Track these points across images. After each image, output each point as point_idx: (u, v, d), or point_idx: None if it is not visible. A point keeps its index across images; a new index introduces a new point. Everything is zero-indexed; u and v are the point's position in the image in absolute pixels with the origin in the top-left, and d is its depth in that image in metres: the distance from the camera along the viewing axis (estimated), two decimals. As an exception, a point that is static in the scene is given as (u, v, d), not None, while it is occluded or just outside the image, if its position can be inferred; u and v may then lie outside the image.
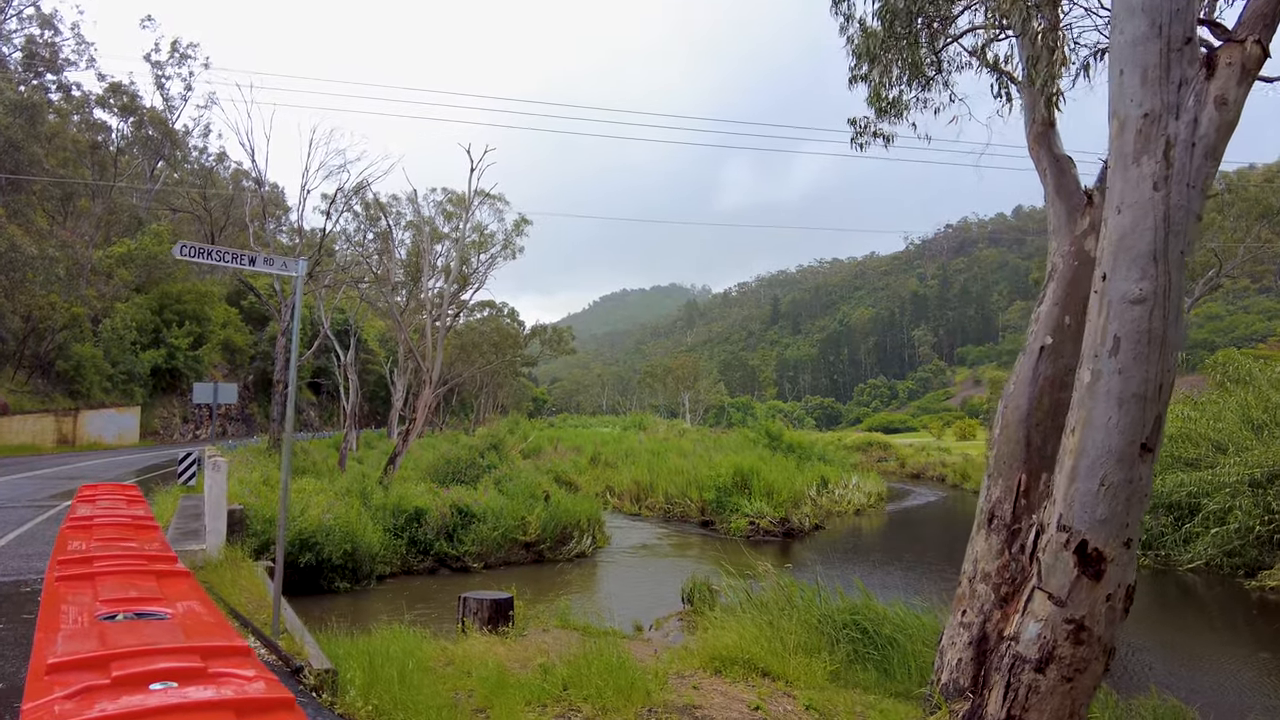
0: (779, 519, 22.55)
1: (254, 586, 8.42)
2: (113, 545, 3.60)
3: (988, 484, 5.03)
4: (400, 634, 7.68)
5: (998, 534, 4.73)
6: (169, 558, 3.39)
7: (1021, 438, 4.85)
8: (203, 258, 5.82)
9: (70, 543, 3.71)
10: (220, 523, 9.49)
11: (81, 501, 5.81)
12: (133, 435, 39.41)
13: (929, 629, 8.49)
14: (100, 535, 3.94)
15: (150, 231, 42.47)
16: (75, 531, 4.04)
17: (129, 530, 4.22)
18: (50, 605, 2.56)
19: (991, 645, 4.43)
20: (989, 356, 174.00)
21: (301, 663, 5.12)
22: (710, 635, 7.95)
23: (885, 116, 9.77)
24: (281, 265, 6.24)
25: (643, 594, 15.85)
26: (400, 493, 18.13)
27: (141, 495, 6.73)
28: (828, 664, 7.51)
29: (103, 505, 5.49)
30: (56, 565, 3.09)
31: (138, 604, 2.53)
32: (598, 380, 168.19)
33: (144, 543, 3.89)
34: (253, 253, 6.15)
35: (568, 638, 9.77)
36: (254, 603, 7.75)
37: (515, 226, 52.08)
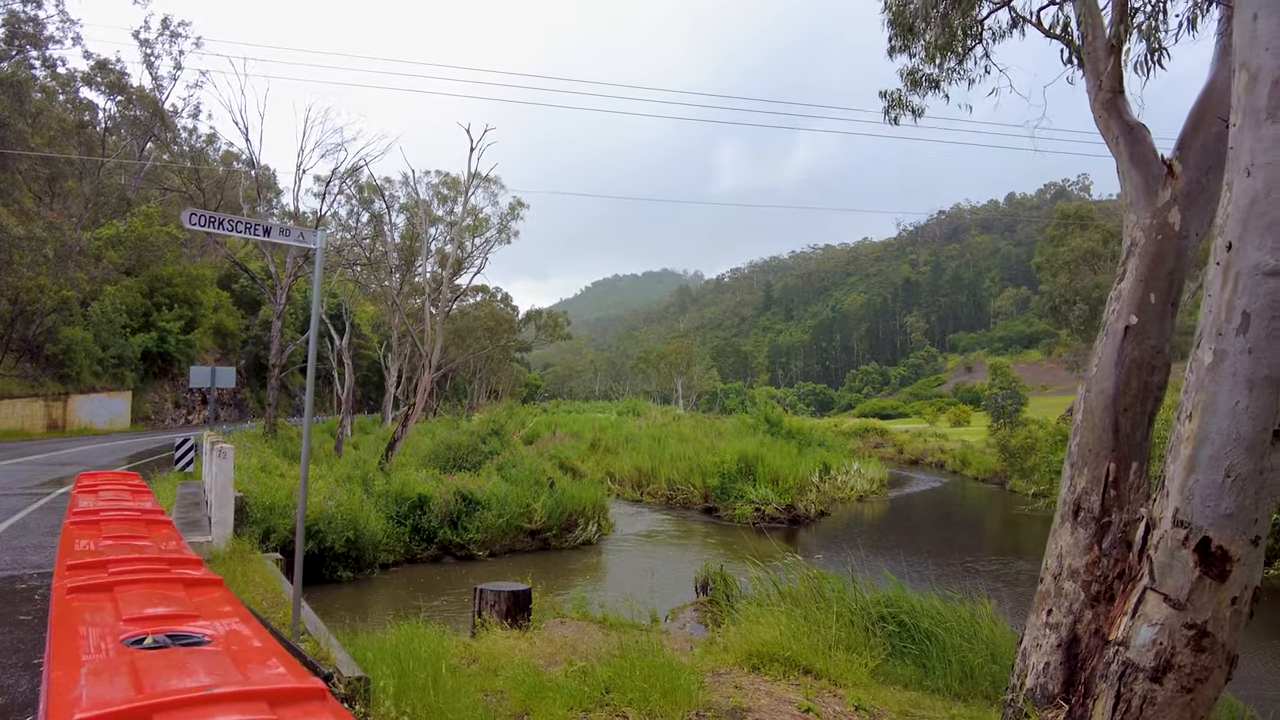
0: (785, 505, 22.27)
1: (265, 581, 7.99)
2: (126, 545, 3.20)
3: (1070, 473, 4.66)
4: (419, 630, 7.29)
5: (1085, 527, 4.37)
6: (193, 561, 2.99)
7: (1108, 424, 4.48)
8: (214, 227, 5.37)
9: (77, 541, 3.30)
10: (226, 513, 9.03)
11: (83, 492, 5.37)
12: (124, 420, 38.81)
13: (965, 622, 8.16)
14: (110, 532, 3.54)
15: (139, 213, 41.66)
16: (81, 528, 3.64)
17: (140, 526, 3.82)
18: (64, 625, 2.16)
19: (1085, 649, 4.08)
20: (981, 343, 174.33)
21: (329, 669, 4.73)
22: (744, 630, 7.59)
23: (918, 89, 9.36)
24: (299, 236, 5.79)
25: (652, 582, 15.50)
26: (403, 479, 17.72)
27: (145, 485, 6.30)
28: (868, 660, 7.15)
29: (106, 497, 5.06)
30: (66, 572, 2.69)
31: (169, 623, 2.13)
32: (590, 366, 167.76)
33: (159, 541, 3.48)
34: (267, 222, 5.68)
35: (588, 631, 9.42)
36: (268, 600, 7.32)
37: (511, 210, 51.51)
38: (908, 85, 9.39)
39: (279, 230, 5.78)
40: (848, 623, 8.02)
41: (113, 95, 43.47)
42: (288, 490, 15.25)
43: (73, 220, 38.66)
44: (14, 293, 32.33)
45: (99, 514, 4.07)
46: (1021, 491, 29.25)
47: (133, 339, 39.23)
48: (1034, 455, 29.73)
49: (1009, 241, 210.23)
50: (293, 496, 14.85)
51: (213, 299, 47.51)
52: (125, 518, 3.99)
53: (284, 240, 5.81)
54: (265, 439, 24.64)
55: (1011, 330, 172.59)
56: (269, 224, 5.66)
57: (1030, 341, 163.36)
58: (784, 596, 8.39)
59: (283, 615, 6.52)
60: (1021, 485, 29.65)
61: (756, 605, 8.83)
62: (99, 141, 43.51)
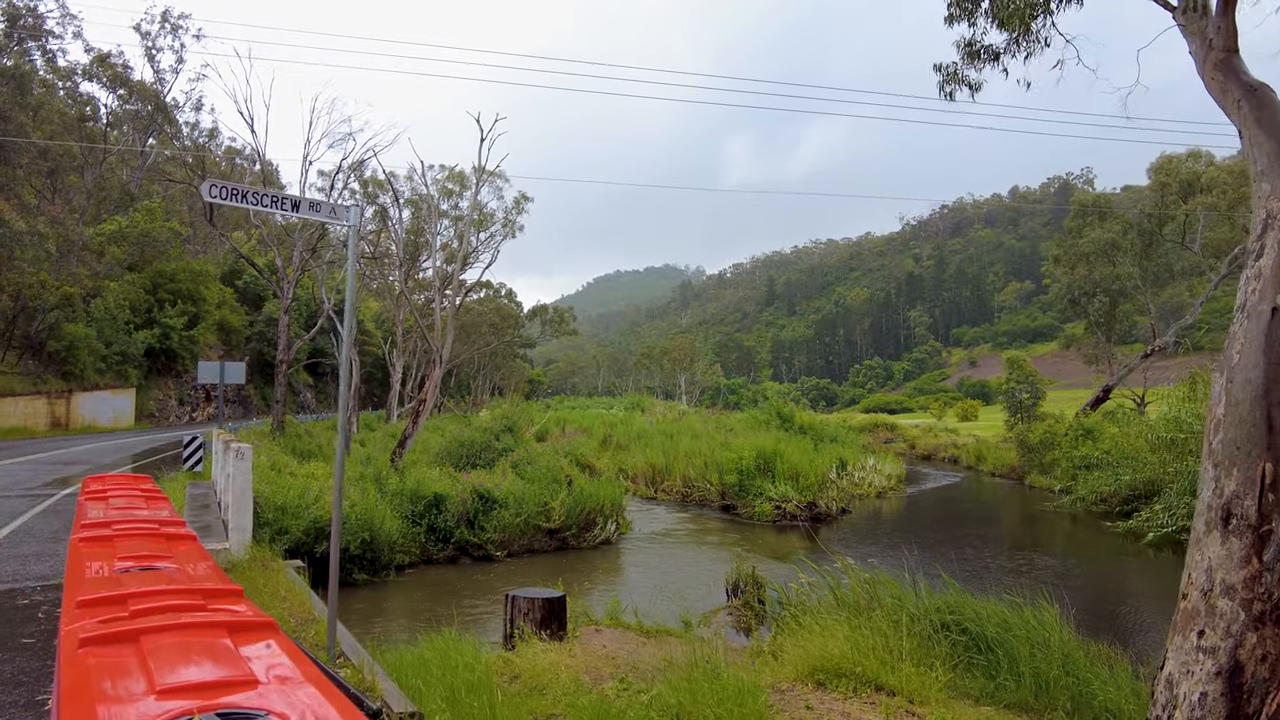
0: (806, 503, 21.71)
1: (291, 595, 7.40)
2: (147, 570, 2.67)
3: (1215, 474, 4.10)
4: (453, 643, 6.75)
5: (1239, 537, 3.82)
6: (231, 592, 2.44)
7: (1260, 418, 3.92)
8: (236, 200, 4.83)
9: (88, 564, 2.77)
10: (245, 518, 8.44)
11: (91, 500, 4.81)
12: (128, 418, 38.31)
13: (1032, 628, 7.60)
14: (125, 550, 3.00)
15: (142, 208, 41.09)
16: (92, 546, 3.11)
17: (159, 542, 3.28)
18: (77, 700, 1.60)
19: (1250, 678, 3.53)
20: (985, 338, 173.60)
21: (376, 704, 4.17)
22: (803, 642, 7.03)
23: (976, 62, 8.79)
24: (330, 211, 5.24)
25: (676, 584, 14.98)
26: (418, 477, 17.19)
27: (159, 489, 5.74)
28: (940, 674, 6.60)
29: (118, 504, 4.51)
30: (76, 610, 2.15)
31: (218, 692, 1.58)
32: (593, 361, 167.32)
33: (184, 560, 2.95)
34: (294, 195, 5.12)
35: (626, 639, 8.89)
36: (296, 616, 6.74)
37: (515, 204, 50.94)
38: (964, 58, 8.80)
39: (308, 205, 5.23)
40: (908, 631, 7.48)
41: (114, 89, 42.90)
42: (299, 490, 14.74)
43: (75, 215, 38.11)
44: (16, 289, 31.80)
45: (111, 526, 3.53)
46: (1041, 487, 28.70)
47: (136, 335, 38.71)
48: (1054, 450, 29.18)
49: (1012, 235, 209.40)
50: (305, 496, 14.33)
51: (216, 295, 46.98)
52: (142, 532, 3.46)
53: (314, 216, 5.26)
54: (273, 436, 24.12)
55: (1016, 324, 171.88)
56: (296, 197, 5.12)
57: (1035, 336, 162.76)
58: (842, 604, 7.82)
59: (314, 635, 5.96)
60: (1041, 481, 29.09)
61: (808, 613, 8.29)
62: (101, 136, 42.95)
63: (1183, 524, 18.10)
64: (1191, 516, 16.57)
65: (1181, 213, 30.03)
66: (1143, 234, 31.65)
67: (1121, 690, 6.92)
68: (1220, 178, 28.87)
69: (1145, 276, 31.04)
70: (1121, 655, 8.03)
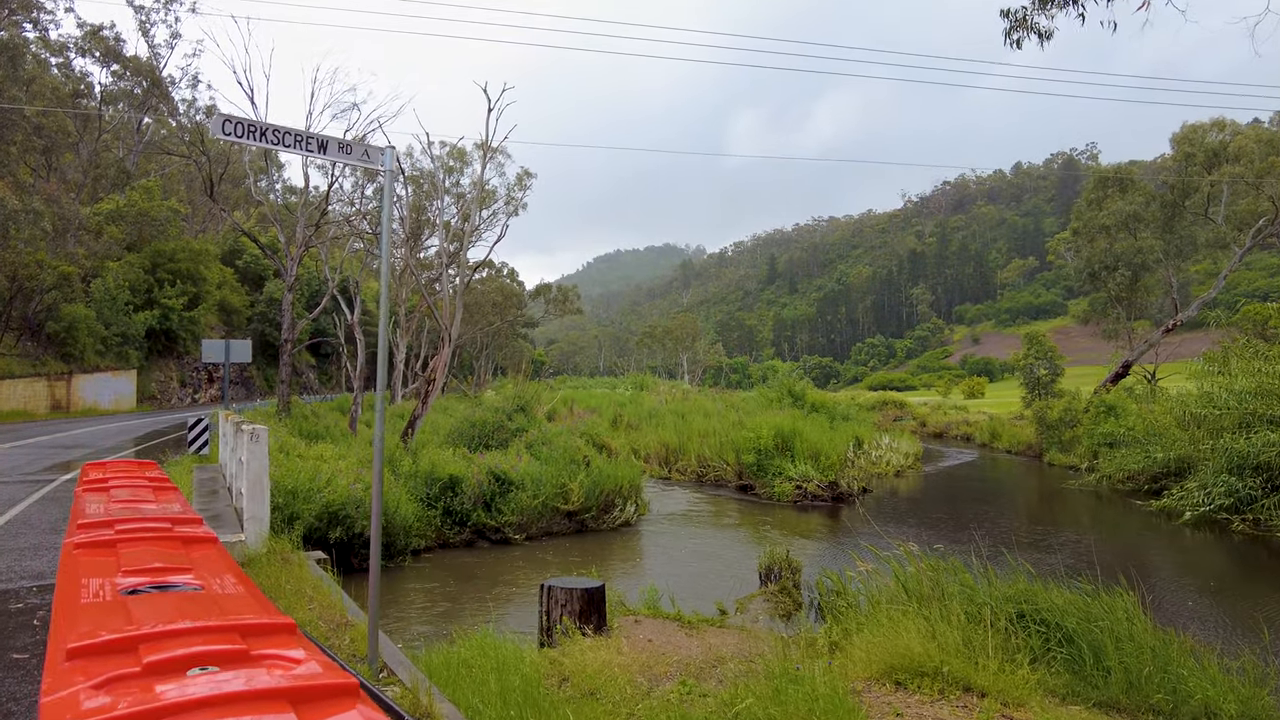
0: (827, 483, 21.17)
1: (318, 594, 6.71)
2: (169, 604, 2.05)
3: None
4: (492, 642, 6.19)
5: None
6: (283, 626, 1.81)
7: None
8: (252, 138, 4.19)
9: (84, 580, 2.17)
10: (261, 507, 7.82)
11: (91, 490, 4.16)
12: (129, 400, 37.75)
13: (1118, 620, 7.02)
14: (133, 562, 2.39)
15: (140, 187, 40.27)
16: (90, 553, 2.50)
17: (175, 549, 2.66)
18: None
19: None
20: (987, 315, 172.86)
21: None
22: (874, 637, 6.45)
23: (1047, 7, 8.08)
24: (363, 154, 4.59)
25: (702, 568, 14.46)
26: (431, 459, 16.61)
27: (167, 478, 5.11)
28: (1027, 672, 6.03)
29: (121, 497, 3.88)
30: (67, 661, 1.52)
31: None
32: (594, 341, 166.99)
33: (208, 574, 2.34)
34: (320, 134, 4.47)
35: (668, 631, 8.34)
36: (327, 620, 6.09)
37: (518, 180, 50.14)
38: (1036, 2, 8.09)
39: (337, 146, 4.58)
40: (983, 622, 6.91)
41: (107, 63, 41.88)
42: (310, 473, 14.15)
43: (71, 194, 37.31)
44: (12, 269, 31.10)
45: (113, 527, 2.93)
46: (1060, 465, 28.20)
47: (136, 316, 38.04)
48: (1076, 427, 28.63)
49: (1015, 211, 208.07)
50: (317, 479, 13.75)
51: (217, 275, 46.27)
52: (151, 534, 2.85)
53: (344, 158, 4.61)
54: (279, 417, 23.53)
55: (1019, 301, 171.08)
56: (324, 136, 4.47)
57: (1038, 312, 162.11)
58: (910, 594, 7.23)
59: (350, 643, 5.37)
60: (1061, 458, 28.59)
61: (870, 603, 7.72)
62: (96, 114, 42.02)
63: (1220, 503, 17.59)
64: (1230, 495, 15.84)
65: (1206, 183, 29.26)
66: (1164, 206, 30.90)
67: (1218, 687, 6.35)
68: (1248, 146, 28.07)
69: (1168, 250, 30.32)
70: (1202, 646, 7.48)
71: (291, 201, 41.69)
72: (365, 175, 42.97)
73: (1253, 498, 17.39)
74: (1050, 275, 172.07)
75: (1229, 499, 17.52)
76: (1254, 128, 29.80)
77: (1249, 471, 17.85)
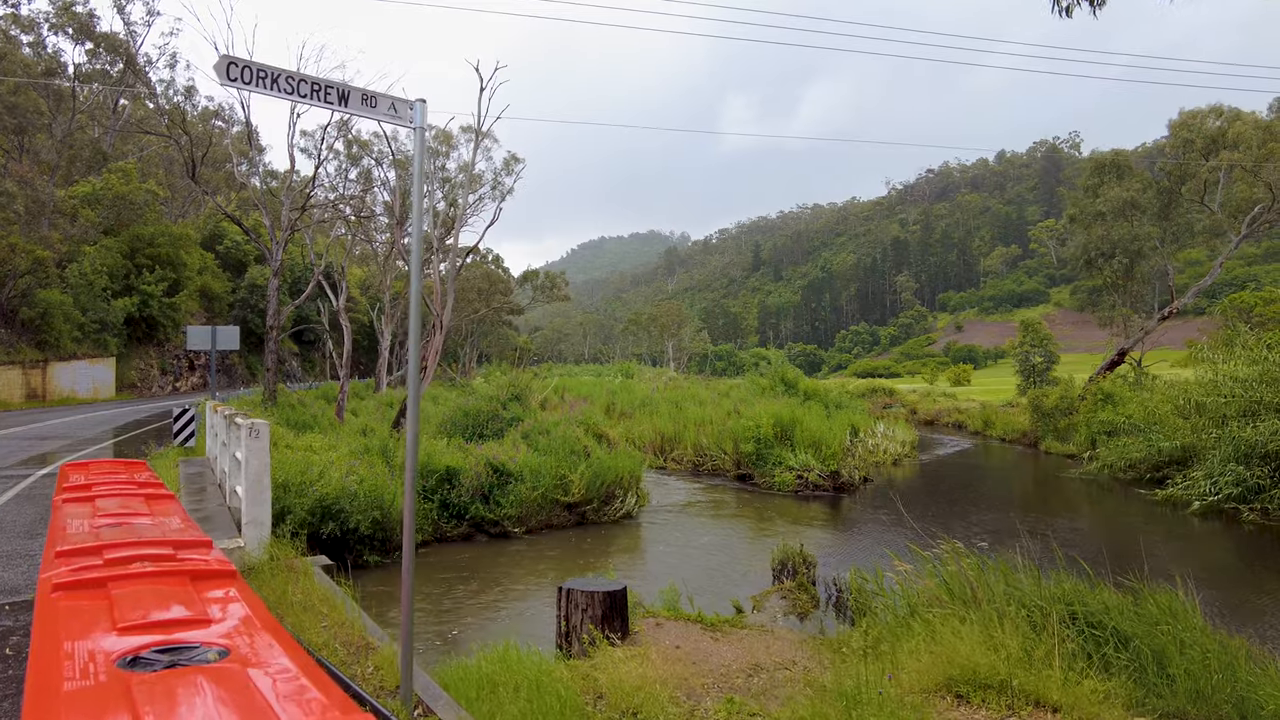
0: (829, 472, 20.81)
1: (332, 610, 5.98)
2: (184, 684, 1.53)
3: None
4: (515, 654, 5.70)
5: None
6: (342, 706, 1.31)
7: None
8: (264, 87, 3.59)
9: (65, 644, 1.63)
10: (262, 510, 7.21)
11: (72, 501, 3.53)
12: (108, 389, 36.80)
13: (1174, 619, 6.61)
14: (131, 610, 1.86)
15: (116, 169, 39.11)
16: (75, 597, 1.95)
17: (183, 587, 2.13)
18: None
19: None
20: (971, 302, 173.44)
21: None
22: (928, 643, 6.01)
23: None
24: (389, 109, 4.01)
25: (709, 561, 14.05)
26: (427, 450, 16.04)
27: (161, 483, 4.54)
28: (1095, 680, 5.62)
29: (109, 509, 3.28)
30: None
31: None
32: (579, 329, 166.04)
33: (235, 631, 1.82)
34: (342, 83, 3.87)
35: (692, 634, 7.89)
36: (344, 642, 5.42)
37: (505, 165, 49.31)
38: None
39: (360, 98, 3.99)
40: (1040, 627, 6.49)
41: (81, 41, 40.55)
42: (301, 464, 13.57)
43: (45, 176, 36.15)
44: (-16, 253, 30.09)
45: (102, 554, 2.38)
46: (1057, 453, 28.05)
47: (115, 303, 37.00)
48: (1073, 415, 28.47)
49: (999, 200, 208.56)
50: (308, 472, 13.16)
51: (197, 260, 45.18)
52: (153, 566, 2.30)
53: (367, 113, 4.02)
54: (265, 407, 22.86)
55: (1002, 289, 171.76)
56: (345, 87, 3.90)
57: (1020, 300, 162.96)
58: (955, 597, 6.80)
59: (374, 671, 4.83)
60: (1057, 447, 28.44)
61: (908, 605, 7.29)
62: (70, 93, 40.74)
63: (1228, 492, 17.37)
64: (1238, 484, 15.46)
65: (1205, 170, 29.05)
66: (1161, 192, 30.71)
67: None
68: (1246, 133, 27.86)
69: (1165, 236, 30.15)
70: (1264, 651, 7.11)
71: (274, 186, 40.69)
72: (350, 159, 42.13)
73: (1261, 487, 17.19)
74: (1033, 263, 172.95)
75: (1237, 488, 17.31)
76: (1252, 116, 29.59)
77: (1256, 460, 17.65)
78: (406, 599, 4.16)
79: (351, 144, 40.30)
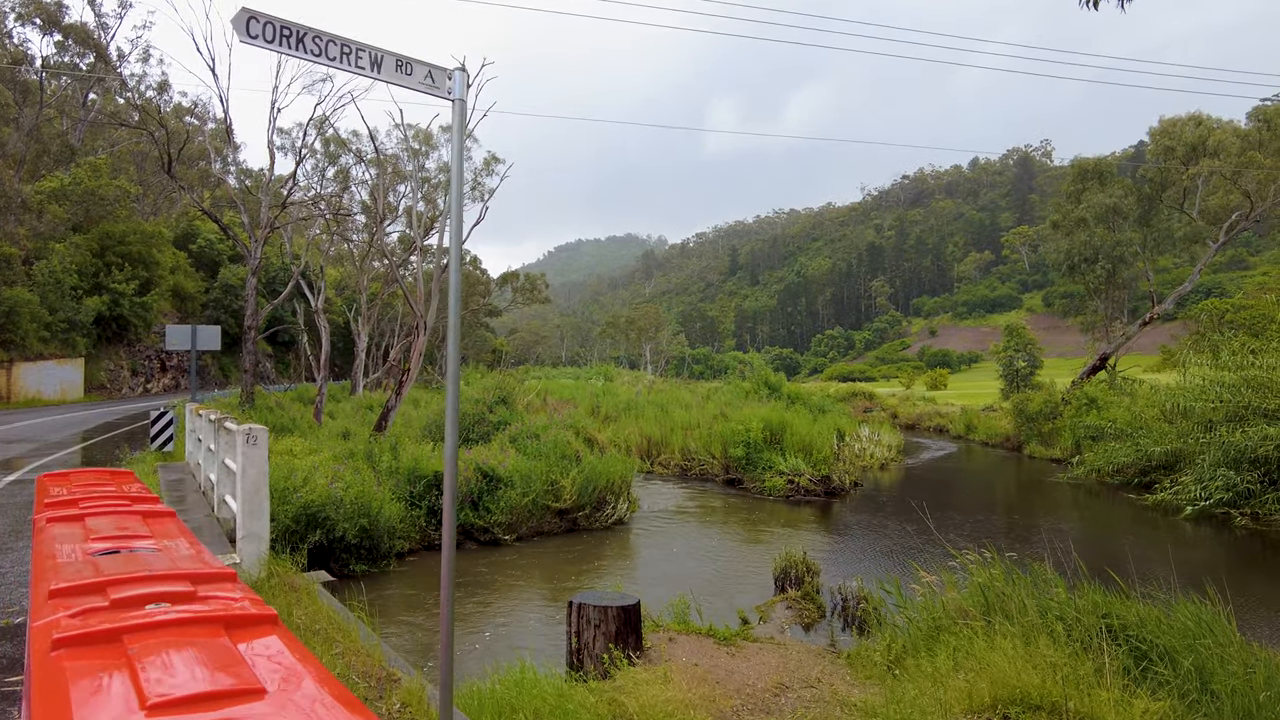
0: (820, 477, 20.60)
1: (344, 636, 5.35)
2: None
3: None
4: (533, 677, 5.33)
5: None
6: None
7: None
8: (287, 45, 3.17)
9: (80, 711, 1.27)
10: (261, 523, 6.68)
11: (58, 521, 3.04)
12: (76, 389, 35.76)
13: (1216, 631, 6.39)
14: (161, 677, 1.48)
15: (86, 164, 38.07)
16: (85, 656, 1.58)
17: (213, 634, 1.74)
18: None
19: None
20: (944, 307, 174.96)
21: None
22: (970, 660, 5.73)
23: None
24: (425, 78, 3.60)
25: (703, 568, 13.73)
26: (415, 454, 15.57)
27: (155, 497, 4.09)
28: (1147, 700, 5.36)
29: (102, 530, 2.81)
30: None
31: None
32: (556, 331, 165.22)
33: (296, 690, 1.47)
34: (374, 47, 3.44)
35: (707, 649, 7.55)
36: (362, 674, 4.90)
37: (485, 165, 48.78)
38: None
39: (394, 65, 3.55)
40: (1071, 640, 6.24)
41: (49, 31, 39.44)
42: (283, 469, 13.07)
43: (10, 170, 35.07)
44: (-54, 249, 29.07)
45: (107, 593, 1.99)
46: (1041, 457, 28.09)
47: (85, 302, 35.96)
48: (1057, 420, 28.55)
49: (972, 206, 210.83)
50: (292, 478, 12.65)
51: (170, 259, 44.11)
52: (178, 609, 1.92)
53: (401, 81, 3.60)
54: (242, 409, 22.21)
55: (975, 295, 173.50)
56: (378, 50, 3.48)
57: (993, 306, 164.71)
58: (991, 608, 6.52)
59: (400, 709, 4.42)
60: (1041, 451, 28.50)
61: (931, 616, 7.01)
62: (37, 87, 39.61)
63: (1219, 497, 17.37)
64: (1228, 489, 15.36)
65: (1185, 177, 29.31)
66: (1142, 199, 30.96)
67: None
68: (1227, 140, 28.15)
69: (1146, 242, 30.38)
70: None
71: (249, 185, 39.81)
72: (328, 159, 41.36)
73: (1251, 491, 17.21)
74: (1006, 269, 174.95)
75: (1228, 493, 17.32)
76: (1231, 125, 29.93)
77: (1246, 465, 17.68)
78: (446, 631, 3.76)
79: (329, 143, 39.63)
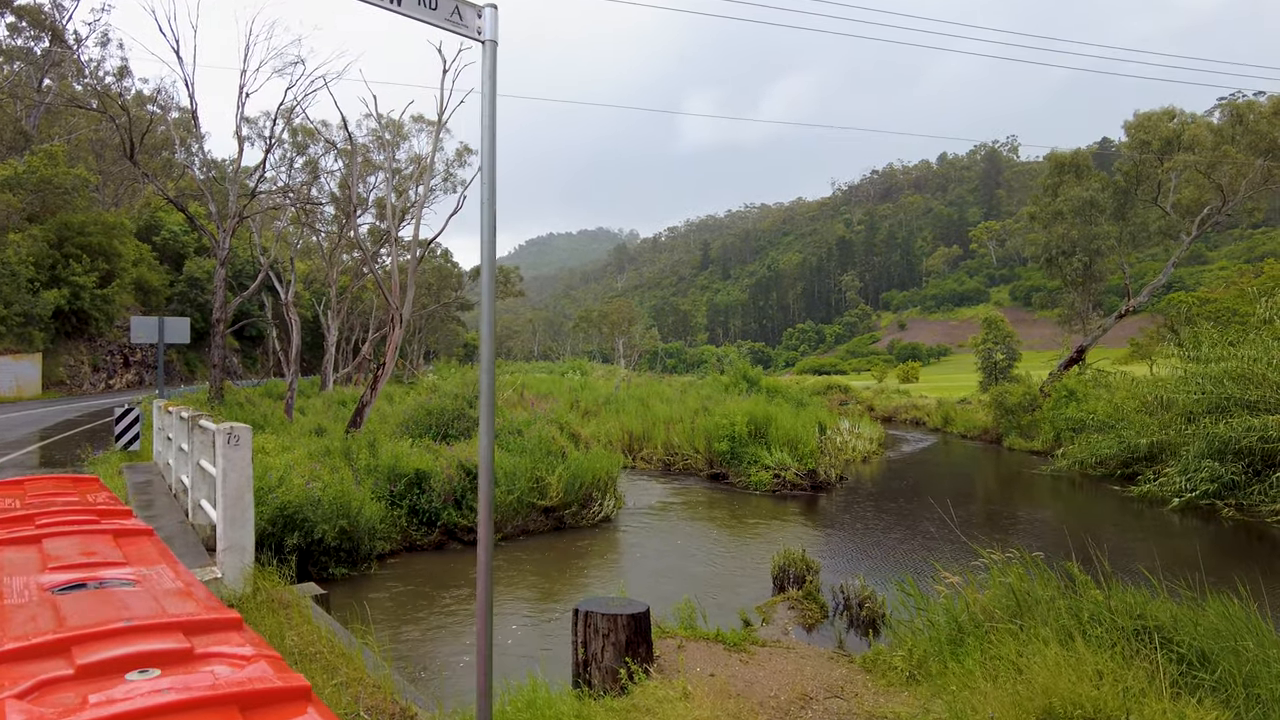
0: (806, 471, 20.35)
1: (346, 662, 4.81)
2: None
3: None
4: (542, 694, 4.91)
5: None
6: None
7: None
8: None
9: None
10: (244, 532, 6.01)
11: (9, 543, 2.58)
12: (34, 386, 34.50)
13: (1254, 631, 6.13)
14: None
15: (41, 151, 36.68)
16: None
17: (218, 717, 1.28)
18: None
19: None
20: (913, 301, 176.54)
21: None
22: (1002, 665, 5.41)
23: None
24: (452, 13, 3.11)
25: (695, 566, 13.39)
26: (394, 452, 15.02)
27: (127, 510, 3.60)
28: (1197, 708, 5.07)
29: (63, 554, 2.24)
30: None
31: None
32: (529, 325, 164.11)
33: None
34: None
35: (717, 656, 7.19)
36: (375, 710, 4.50)
37: (458, 156, 48.03)
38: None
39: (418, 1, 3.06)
40: (1107, 644, 5.94)
41: (0, 13, 37.90)
42: (260, 468, 12.46)
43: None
44: (-106, 240, 27.76)
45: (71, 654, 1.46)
46: (1020, 449, 28.15)
47: (43, 295, 34.65)
48: (1036, 412, 28.64)
49: (941, 201, 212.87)
50: (267, 477, 12.05)
51: (133, 251, 42.71)
52: (174, 698, 1.38)
53: (425, 16, 3.09)
54: (211, 405, 21.43)
55: (944, 289, 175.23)
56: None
57: (961, 300, 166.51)
58: (1022, 610, 6.21)
59: None
60: (1021, 443, 28.56)
61: (953, 620, 6.70)
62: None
63: (1205, 488, 17.38)
64: (1214, 480, 15.28)
65: (1160, 171, 29.50)
66: (1117, 193, 31.13)
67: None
68: (1202, 135, 28.35)
69: (1121, 236, 30.57)
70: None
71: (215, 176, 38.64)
72: (295, 149, 40.29)
73: (1235, 483, 17.25)
74: (974, 263, 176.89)
75: (1213, 484, 17.34)
76: (1205, 120, 30.20)
77: (1230, 456, 17.72)
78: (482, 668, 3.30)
79: (297, 132, 38.66)
